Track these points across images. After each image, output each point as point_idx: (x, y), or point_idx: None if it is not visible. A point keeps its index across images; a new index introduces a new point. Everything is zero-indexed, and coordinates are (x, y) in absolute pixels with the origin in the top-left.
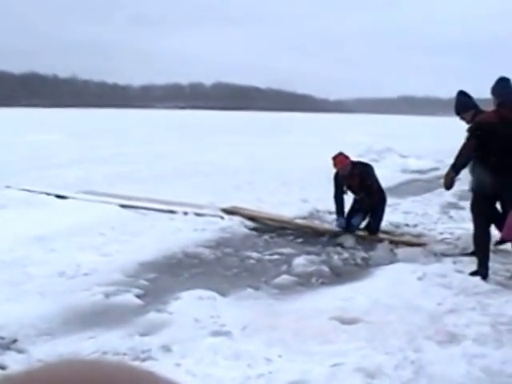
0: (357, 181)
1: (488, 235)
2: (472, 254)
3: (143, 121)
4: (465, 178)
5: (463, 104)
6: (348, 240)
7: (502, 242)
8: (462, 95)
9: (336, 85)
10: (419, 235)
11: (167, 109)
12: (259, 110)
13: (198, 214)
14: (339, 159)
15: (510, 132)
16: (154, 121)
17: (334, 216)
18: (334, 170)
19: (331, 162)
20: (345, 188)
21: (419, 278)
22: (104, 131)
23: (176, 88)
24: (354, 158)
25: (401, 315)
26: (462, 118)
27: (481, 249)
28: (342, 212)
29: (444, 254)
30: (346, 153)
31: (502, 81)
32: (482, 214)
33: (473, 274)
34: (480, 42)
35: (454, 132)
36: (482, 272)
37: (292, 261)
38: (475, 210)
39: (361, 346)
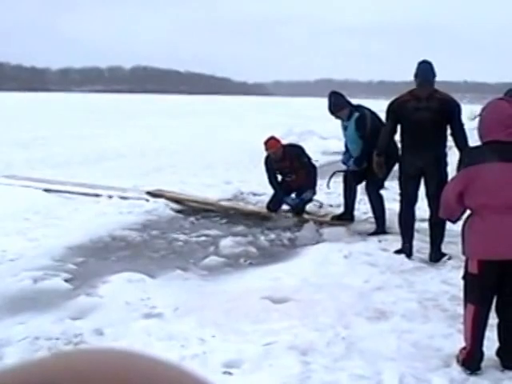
0: (288, 163)
1: (412, 215)
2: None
3: (62, 104)
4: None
5: (336, 104)
6: (275, 221)
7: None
8: (335, 95)
9: (255, 68)
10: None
11: (86, 92)
12: (179, 94)
13: (122, 198)
14: (271, 143)
15: (421, 111)
16: (72, 104)
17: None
18: (259, 153)
19: (262, 146)
20: (276, 171)
21: (345, 257)
22: (21, 115)
23: (95, 71)
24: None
25: (330, 293)
26: (338, 117)
27: (404, 228)
28: (281, 196)
29: (369, 234)
30: (270, 135)
31: (422, 63)
32: (407, 194)
33: (397, 252)
34: (399, 27)
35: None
36: (406, 250)
37: (219, 242)
38: (401, 189)
39: (292, 325)
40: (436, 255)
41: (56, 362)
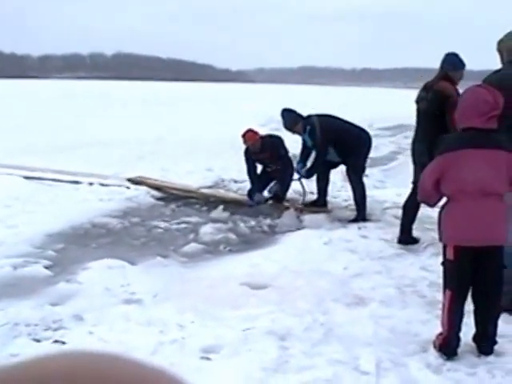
0: (268, 154)
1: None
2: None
3: (42, 91)
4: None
5: (289, 120)
6: (255, 208)
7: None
8: (286, 112)
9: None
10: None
11: (67, 79)
12: (160, 81)
13: (103, 185)
14: (248, 136)
15: (422, 101)
16: (52, 91)
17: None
18: (239, 140)
19: (240, 139)
20: (256, 162)
21: (325, 243)
22: (0, 102)
23: (76, 58)
24: (262, 132)
25: (309, 280)
26: (295, 132)
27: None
28: (259, 189)
29: (349, 221)
30: (249, 124)
31: (449, 55)
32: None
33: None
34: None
35: (357, 101)
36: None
37: (199, 229)
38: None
39: (271, 310)
40: (404, 238)
41: (43, 365)
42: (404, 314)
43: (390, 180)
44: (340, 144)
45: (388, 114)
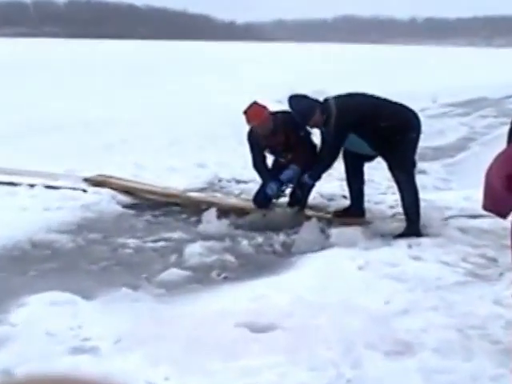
0: (282, 139)
1: None
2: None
3: None
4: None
5: (305, 109)
6: (264, 218)
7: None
8: (297, 100)
9: (245, 2)
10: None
11: (4, 37)
12: (137, 39)
13: (50, 187)
14: (254, 112)
15: None
16: None
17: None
18: (245, 125)
19: (243, 117)
20: (266, 151)
21: (360, 268)
22: None
23: (17, 8)
24: (272, 108)
25: (334, 318)
26: (313, 126)
27: None
28: (271, 178)
29: (396, 236)
30: (261, 100)
31: None
32: None
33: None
34: None
35: (416, 66)
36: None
37: (184, 249)
38: None
39: (279, 361)
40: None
41: None
42: (468, 367)
43: (457, 178)
44: (373, 132)
45: (459, 85)
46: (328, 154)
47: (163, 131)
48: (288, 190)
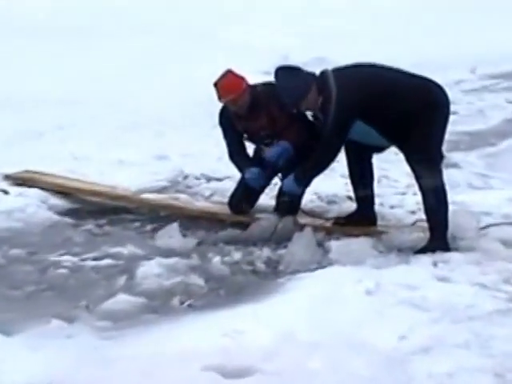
0: (264, 121)
1: None
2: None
3: None
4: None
5: (297, 86)
6: (243, 226)
7: None
8: (285, 72)
9: None
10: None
11: None
12: None
13: None
14: (228, 84)
15: None
16: None
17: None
18: (219, 104)
19: (214, 91)
20: (244, 136)
21: (368, 293)
22: None
23: None
24: (254, 79)
25: (332, 359)
26: (308, 109)
27: None
28: (251, 166)
29: (417, 251)
30: (240, 70)
31: None
32: None
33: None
34: None
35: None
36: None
37: (136, 269)
38: None
39: None
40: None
41: None
42: None
43: (499, 174)
44: (386, 117)
45: (505, 51)
46: (325, 151)
47: (111, 113)
48: (277, 183)
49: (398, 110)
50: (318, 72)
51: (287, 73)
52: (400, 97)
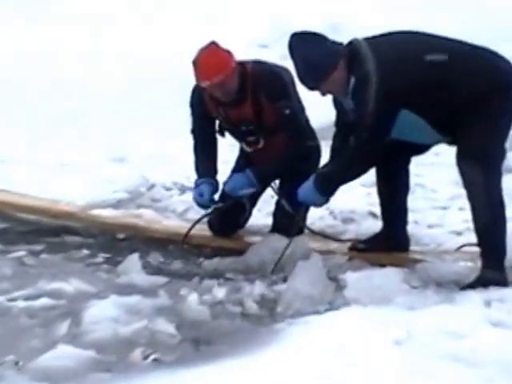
0: (249, 110)
1: None
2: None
3: None
4: None
5: (320, 60)
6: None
7: None
8: (306, 40)
9: None
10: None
11: None
12: None
13: None
14: (211, 61)
15: None
16: None
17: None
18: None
19: (192, 69)
20: (223, 126)
21: (398, 343)
22: None
23: None
24: (245, 54)
25: None
26: (329, 91)
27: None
28: (210, 172)
29: (464, 286)
30: (227, 43)
31: None
32: None
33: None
34: None
35: None
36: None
37: (84, 311)
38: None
39: None
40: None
41: None
42: None
43: None
44: (442, 103)
45: None
46: (361, 150)
47: (50, 99)
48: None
49: (458, 94)
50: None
51: (306, 40)
52: (463, 75)
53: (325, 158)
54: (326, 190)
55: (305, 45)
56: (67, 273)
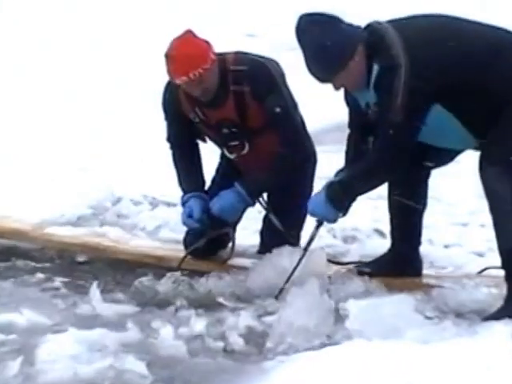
0: (231, 109)
1: None
2: None
3: None
4: None
5: (338, 44)
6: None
7: None
8: (319, 22)
9: None
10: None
11: None
12: None
13: None
14: (187, 53)
15: None
16: None
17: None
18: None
19: (165, 63)
20: (202, 130)
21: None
22: None
23: None
24: (230, 46)
25: None
26: (343, 84)
27: None
28: (197, 185)
29: (487, 317)
30: (207, 34)
31: None
32: None
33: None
34: None
35: None
36: None
37: (38, 347)
38: None
39: None
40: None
41: None
42: None
43: None
44: (480, 98)
45: None
46: (385, 154)
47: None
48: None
49: (497, 86)
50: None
51: (317, 23)
52: (504, 63)
53: (320, 165)
54: (342, 203)
55: (316, 28)
56: (18, 302)
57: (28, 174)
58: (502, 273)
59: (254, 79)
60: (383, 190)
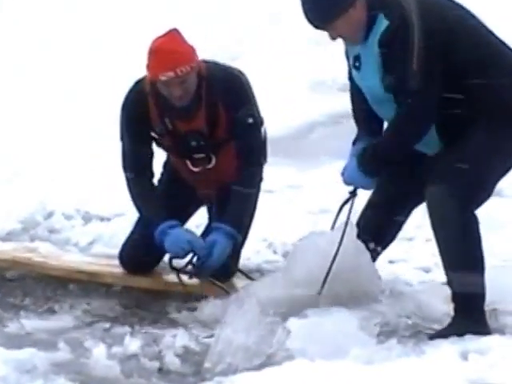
0: (202, 120)
1: None
2: None
3: None
4: None
5: None
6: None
7: None
8: None
9: None
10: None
11: None
12: None
13: None
14: (173, 49)
15: None
16: None
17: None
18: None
19: (147, 59)
20: (162, 143)
21: None
22: None
23: None
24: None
25: None
26: (339, 35)
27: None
28: (166, 213)
29: (434, 335)
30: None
31: None
32: None
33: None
34: None
35: None
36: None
37: None
38: None
39: None
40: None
41: None
42: None
43: None
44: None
45: None
46: (413, 121)
47: None
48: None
49: (484, 96)
50: None
51: None
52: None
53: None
54: (375, 170)
55: None
56: None
57: None
58: (448, 290)
59: (228, 91)
60: (326, 202)
